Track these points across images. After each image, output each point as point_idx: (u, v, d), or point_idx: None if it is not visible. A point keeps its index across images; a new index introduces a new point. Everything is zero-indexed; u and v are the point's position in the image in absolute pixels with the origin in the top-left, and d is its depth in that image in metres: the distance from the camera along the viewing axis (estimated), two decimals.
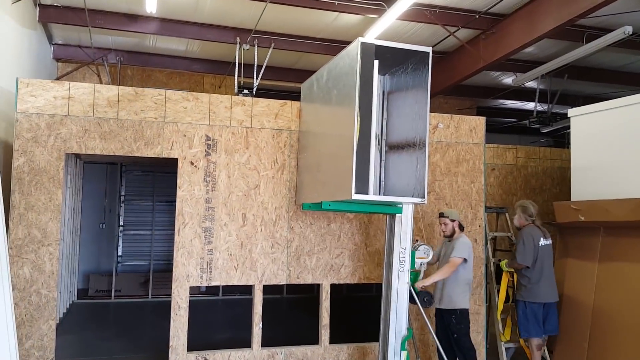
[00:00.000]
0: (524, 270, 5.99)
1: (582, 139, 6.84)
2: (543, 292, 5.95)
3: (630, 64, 10.01)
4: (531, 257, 5.91)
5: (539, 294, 5.94)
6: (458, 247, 5.58)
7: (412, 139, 4.83)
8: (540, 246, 5.95)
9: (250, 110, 5.92)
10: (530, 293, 5.95)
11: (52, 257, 5.23)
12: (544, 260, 5.97)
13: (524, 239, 5.97)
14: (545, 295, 5.96)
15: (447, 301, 5.62)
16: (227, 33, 8.94)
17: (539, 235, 5.99)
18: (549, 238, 6.08)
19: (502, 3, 7.60)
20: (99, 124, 5.46)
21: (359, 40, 4.47)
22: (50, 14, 8.40)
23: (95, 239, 11.10)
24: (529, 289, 5.96)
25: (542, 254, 5.95)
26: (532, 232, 6.00)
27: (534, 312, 5.95)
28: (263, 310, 5.89)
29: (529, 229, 6.04)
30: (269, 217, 5.92)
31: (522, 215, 6.15)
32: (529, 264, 5.91)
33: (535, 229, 6.05)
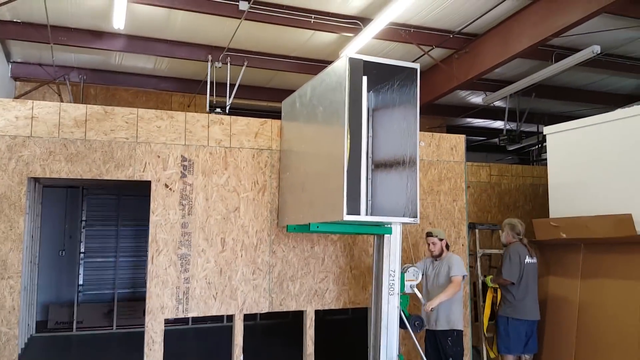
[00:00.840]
0: (509, 286, 5.96)
1: (558, 156, 6.86)
2: (528, 309, 5.94)
3: (594, 82, 10.25)
4: (517, 274, 5.89)
5: (524, 311, 5.92)
6: (455, 265, 5.45)
7: (400, 156, 4.68)
8: (526, 263, 5.96)
9: (228, 129, 5.66)
10: (514, 310, 5.92)
11: (12, 290, 4.79)
12: (529, 277, 5.97)
13: (510, 255, 5.97)
14: (529, 313, 5.94)
15: (444, 322, 5.44)
16: (199, 50, 8.67)
17: (525, 252, 6.01)
18: (534, 257, 6.09)
19: (476, 23, 7.63)
20: (65, 145, 5.10)
21: (347, 56, 4.32)
22: (9, 30, 7.96)
23: (55, 267, 10.48)
24: (514, 306, 5.92)
25: (527, 271, 5.95)
26: (519, 249, 6.01)
27: (516, 329, 5.89)
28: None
29: (516, 246, 6.06)
30: (249, 241, 5.63)
31: (510, 233, 6.17)
32: (514, 280, 5.89)
33: (522, 246, 6.06)
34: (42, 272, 9.87)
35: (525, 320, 5.92)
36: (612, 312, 5.70)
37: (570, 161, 6.56)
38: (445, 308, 5.42)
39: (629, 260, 5.65)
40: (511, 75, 9.59)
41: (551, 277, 6.51)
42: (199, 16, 7.48)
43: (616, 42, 8.13)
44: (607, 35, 7.64)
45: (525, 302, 5.91)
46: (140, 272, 10.91)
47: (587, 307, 6.00)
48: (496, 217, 9.03)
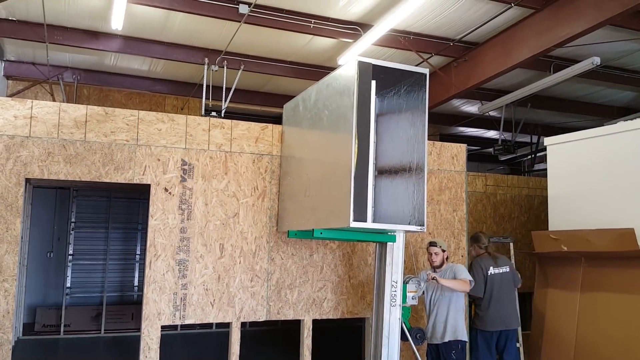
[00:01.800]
0: (477, 299, 5.94)
1: (558, 168, 6.86)
2: (492, 320, 5.83)
3: (591, 94, 10.31)
4: (482, 287, 5.85)
5: (488, 322, 5.84)
6: (463, 271, 5.39)
7: (406, 163, 4.60)
8: (490, 275, 5.89)
9: (229, 134, 5.58)
10: (481, 321, 5.90)
11: (7, 294, 4.66)
12: (494, 288, 5.88)
13: (474, 270, 5.93)
14: (494, 324, 5.83)
15: (451, 333, 5.36)
16: (195, 53, 8.58)
17: (490, 263, 5.94)
18: (502, 266, 5.99)
19: (476, 31, 7.63)
20: (64, 146, 4.98)
21: (356, 59, 4.27)
22: (4, 28, 7.79)
23: (43, 269, 10.28)
24: (480, 317, 5.91)
25: (492, 281, 5.88)
26: (482, 262, 5.97)
27: (485, 340, 5.85)
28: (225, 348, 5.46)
29: (479, 259, 6.03)
30: (248, 247, 5.55)
31: (475, 246, 6.15)
32: (480, 295, 5.82)
33: (487, 258, 6.00)
34: (30, 274, 9.68)
35: (492, 332, 5.82)
36: (613, 326, 5.69)
37: (571, 173, 6.56)
38: (452, 319, 5.37)
39: (630, 274, 5.64)
40: (508, 85, 9.62)
41: (550, 290, 6.49)
42: (197, 18, 7.40)
43: (615, 54, 8.17)
44: (606, 47, 7.68)
45: (489, 313, 5.83)
46: (129, 276, 10.74)
47: (586, 320, 5.98)
48: (491, 228, 9.03)
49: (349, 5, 7.04)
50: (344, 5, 7.05)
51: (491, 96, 10.15)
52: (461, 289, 5.30)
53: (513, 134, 11.44)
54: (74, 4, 7.14)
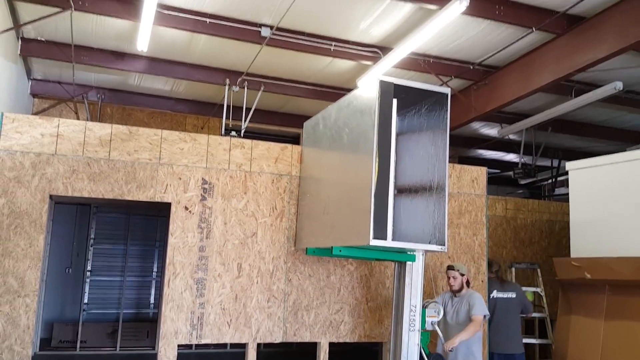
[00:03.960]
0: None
1: (580, 193, 6.77)
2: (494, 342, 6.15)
3: (612, 118, 10.20)
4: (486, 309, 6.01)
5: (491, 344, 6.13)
6: (477, 304, 5.32)
7: (427, 182, 4.59)
8: (492, 297, 6.30)
9: (249, 153, 5.63)
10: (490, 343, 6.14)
11: (28, 309, 4.71)
12: (495, 311, 6.24)
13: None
14: (497, 346, 6.16)
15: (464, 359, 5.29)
16: (217, 74, 8.71)
17: (494, 287, 6.37)
18: (508, 291, 6.36)
19: (497, 55, 7.64)
20: (89, 164, 5.07)
21: (378, 78, 4.32)
22: (32, 48, 8.03)
23: (61, 285, 10.33)
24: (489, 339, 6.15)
25: (493, 304, 6.28)
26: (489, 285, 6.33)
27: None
28: None
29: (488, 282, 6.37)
30: (265, 267, 5.55)
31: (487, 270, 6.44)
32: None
33: (494, 281, 6.43)
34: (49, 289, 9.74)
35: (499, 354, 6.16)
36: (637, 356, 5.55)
37: (593, 198, 6.48)
38: (464, 347, 5.28)
39: None
40: (528, 109, 9.57)
41: (573, 317, 6.37)
42: (220, 41, 7.53)
43: (638, 79, 8.10)
44: (629, 72, 7.62)
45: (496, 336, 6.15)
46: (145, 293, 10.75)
47: (610, 349, 5.85)
48: (512, 253, 8.92)
49: (370, 28, 7.11)
50: (364, 28, 7.13)
51: (511, 119, 10.11)
52: (473, 333, 5.24)
53: (533, 158, 11.34)
54: (101, 25, 7.32)
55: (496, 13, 6.29)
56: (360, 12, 6.70)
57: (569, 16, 6.52)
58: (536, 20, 6.44)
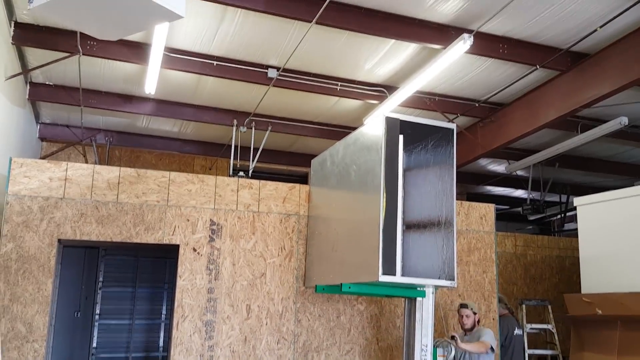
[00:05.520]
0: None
1: (589, 229, 6.72)
2: None
3: (620, 153, 10.19)
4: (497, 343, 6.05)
5: None
6: (487, 334, 5.28)
7: (435, 218, 4.57)
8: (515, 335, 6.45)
9: (257, 194, 5.64)
10: None
11: (37, 354, 4.66)
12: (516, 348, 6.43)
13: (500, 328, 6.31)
14: None
15: None
16: (224, 115, 8.83)
17: (515, 325, 6.56)
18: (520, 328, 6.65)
19: (502, 93, 7.71)
20: (97, 207, 5.09)
21: (384, 115, 4.36)
22: (40, 92, 8.18)
23: (70, 329, 10.21)
24: None
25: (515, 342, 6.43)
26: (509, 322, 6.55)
27: None
28: None
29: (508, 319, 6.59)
30: (275, 308, 5.48)
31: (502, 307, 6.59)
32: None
33: (513, 319, 6.66)
34: (57, 334, 9.64)
35: None
36: None
37: (602, 234, 6.43)
38: None
39: None
40: (535, 145, 9.58)
41: (586, 354, 6.23)
42: (227, 82, 7.66)
43: None
44: (633, 107, 7.65)
45: None
46: (154, 336, 10.62)
47: None
48: (522, 290, 8.80)
49: (375, 68, 7.22)
50: (370, 68, 7.23)
51: (518, 155, 10.12)
52: (477, 350, 5.20)
53: (542, 194, 11.29)
54: (109, 68, 7.47)
55: (500, 51, 6.38)
56: (366, 53, 6.82)
57: (573, 53, 6.60)
58: (540, 58, 6.52)
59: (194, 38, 6.62)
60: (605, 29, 5.91)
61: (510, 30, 6.22)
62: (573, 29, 6.08)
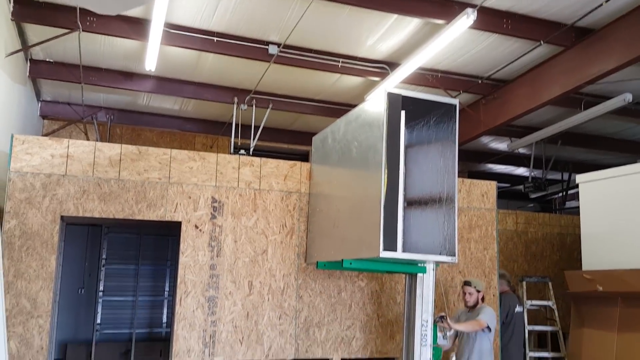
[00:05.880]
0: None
1: (591, 206, 6.72)
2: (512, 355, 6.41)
3: (622, 131, 10.14)
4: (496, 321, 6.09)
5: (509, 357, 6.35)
6: (485, 313, 5.29)
7: (437, 194, 4.56)
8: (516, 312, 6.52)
9: (258, 171, 5.64)
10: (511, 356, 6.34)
11: (42, 330, 4.72)
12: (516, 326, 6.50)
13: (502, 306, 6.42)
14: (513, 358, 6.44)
15: None
16: (225, 93, 8.77)
17: (516, 302, 6.61)
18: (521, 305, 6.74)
19: (505, 69, 7.63)
20: (99, 184, 5.10)
21: (386, 90, 4.33)
22: (41, 69, 8.12)
23: (74, 306, 10.33)
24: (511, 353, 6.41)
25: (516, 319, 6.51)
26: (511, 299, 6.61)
27: None
28: None
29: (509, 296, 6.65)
30: (276, 285, 5.53)
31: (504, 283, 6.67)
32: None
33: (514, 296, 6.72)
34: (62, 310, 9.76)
35: None
36: None
37: (604, 211, 6.43)
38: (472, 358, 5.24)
39: None
40: (538, 122, 9.53)
41: (586, 330, 6.28)
42: (228, 59, 7.59)
43: None
44: (638, 83, 7.58)
45: (509, 348, 6.33)
46: (157, 312, 10.74)
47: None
48: (523, 267, 8.84)
49: (377, 44, 7.15)
50: (371, 44, 7.16)
51: (520, 133, 10.07)
52: (470, 329, 5.23)
53: (543, 171, 11.27)
54: (109, 45, 7.41)
55: (504, 27, 6.30)
56: (367, 28, 6.74)
57: (577, 29, 6.52)
58: (544, 33, 6.44)
59: (194, 13, 6.54)
60: (611, 3, 5.82)
61: (515, 5, 6.13)
62: (578, 4, 5.99)
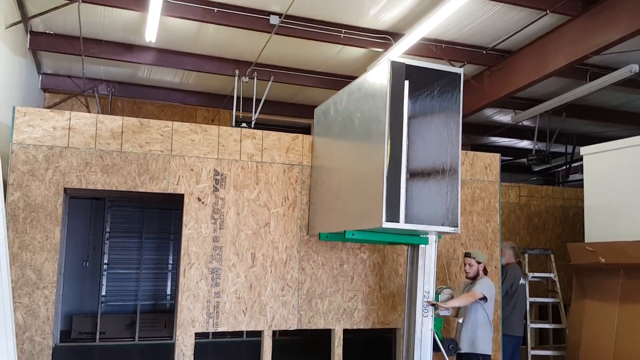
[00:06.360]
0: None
1: (595, 178, 6.70)
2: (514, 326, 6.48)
3: (629, 102, 10.04)
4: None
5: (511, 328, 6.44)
6: (480, 284, 5.33)
7: (440, 165, 4.55)
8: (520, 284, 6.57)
9: (260, 144, 5.62)
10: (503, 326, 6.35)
11: (47, 300, 4.78)
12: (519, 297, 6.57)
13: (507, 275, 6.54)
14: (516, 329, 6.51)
15: (468, 345, 5.28)
16: (226, 65, 8.69)
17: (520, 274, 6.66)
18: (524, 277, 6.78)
19: (510, 39, 7.52)
20: (101, 156, 5.09)
21: (389, 59, 4.26)
22: (41, 41, 8.05)
23: (79, 278, 10.46)
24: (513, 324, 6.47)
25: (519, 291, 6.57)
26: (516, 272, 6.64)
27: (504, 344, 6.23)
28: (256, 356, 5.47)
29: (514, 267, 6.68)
30: (279, 257, 5.56)
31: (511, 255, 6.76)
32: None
33: (519, 268, 6.76)
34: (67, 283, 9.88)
35: (512, 336, 6.39)
36: None
37: (608, 183, 6.41)
38: (468, 330, 5.30)
39: None
40: (542, 94, 9.44)
41: (587, 302, 6.33)
42: (228, 30, 7.50)
43: None
44: None
45: (511, 319, 6.39)
46: (161, 285, 10.86)
47: (625, 332, 5.81)
48: (525, 240, 8.86)
49: (380, 14, 7.04)
50: (374, 14, 7.06)
51: (524, 105, 9.98)
52: (465, 302, 5.26)
53: (547, 144, 11.20)
54: (109, 17, 7.33)
55: None
56: None
57: None
58: (550, 2, 6.32)
59: None
60: None
61: None
62: None
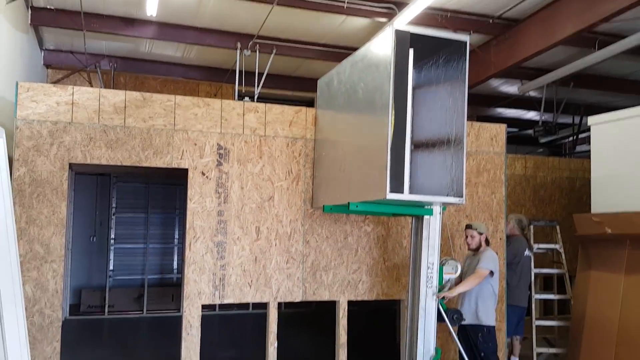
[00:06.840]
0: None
1: (602, 148, 6.62)
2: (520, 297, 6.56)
3: (638, 71, 9.88)
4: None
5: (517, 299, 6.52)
6: (484, 259, 5.30)
7: (445, 135, 4.50)
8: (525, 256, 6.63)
9: (263, 118, 5.60)
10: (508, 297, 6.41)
11: (55, 274, 4.84)
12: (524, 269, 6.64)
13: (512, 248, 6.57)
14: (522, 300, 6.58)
15: (470, 316, 5.30)
16: (228, 38, 8.59)
17: (525, 246, 6.69)
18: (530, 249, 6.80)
19: (517, 7, 7.38)
20: (105, 131, 5.09)
21: (393, 27, 4.18)
22: (42, 17, 7.98)
23: (86, 253, 10.61)
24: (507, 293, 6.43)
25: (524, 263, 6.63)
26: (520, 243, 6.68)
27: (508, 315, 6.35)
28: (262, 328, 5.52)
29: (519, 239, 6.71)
30: (283, 230, 5.58)
31: (516, 227, 6.78)
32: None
33: (524, 240, 6.76)
34: (75, 257, 10.02)
35: (517, 307, 6.47)
36: None
37: (616, 153, 6.33)
38: (469, 302, 5.32)
39: None
40: (549, 63, 9.30)
41: (593, 272, 6.32)
42: (229, 2, 7.41)
43: None
44: None
45: (516, 290, 6.48)
46: (168, 259, 11.01)
47: (630, 303, 5.82)
48: (531, 211, 8.86)
49: None
50: None
51: (531, 75, 9.84)
52: (474, 285, 5.20)
53: (554, 115, 11.09)
54: None
55: None
56: None
57: None
58: None
59: None
60: None
61: None
62: None
